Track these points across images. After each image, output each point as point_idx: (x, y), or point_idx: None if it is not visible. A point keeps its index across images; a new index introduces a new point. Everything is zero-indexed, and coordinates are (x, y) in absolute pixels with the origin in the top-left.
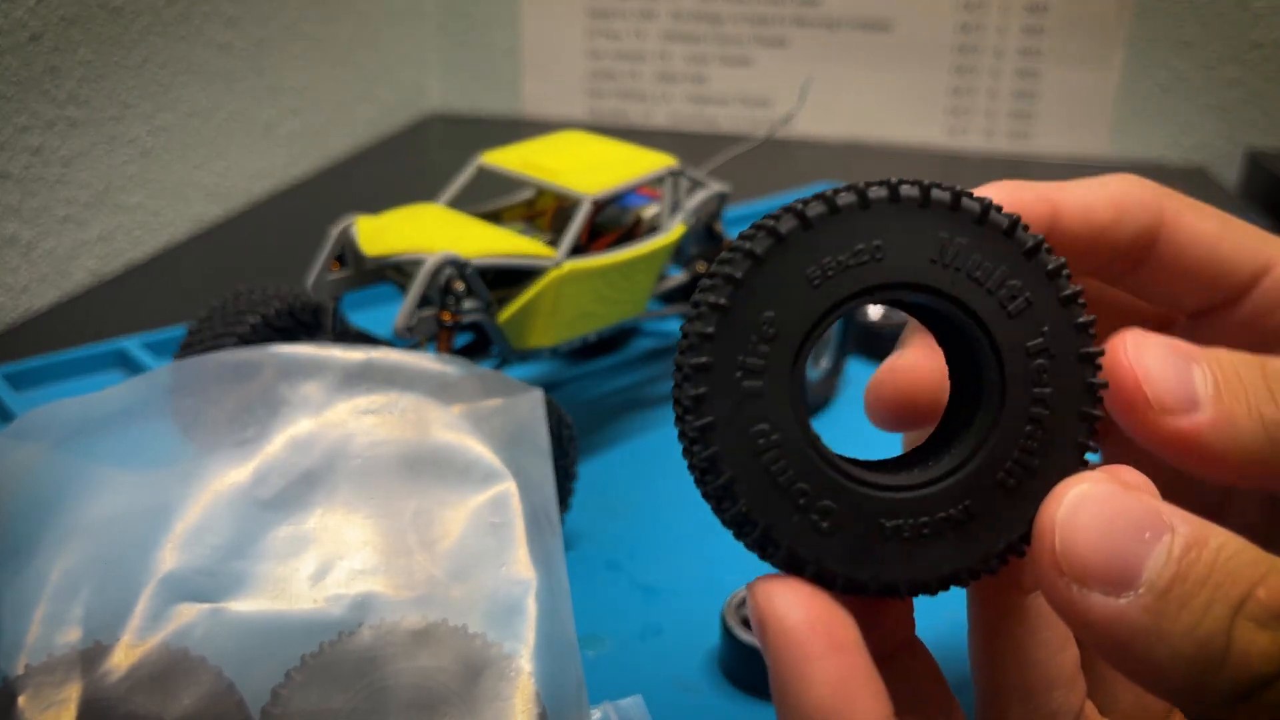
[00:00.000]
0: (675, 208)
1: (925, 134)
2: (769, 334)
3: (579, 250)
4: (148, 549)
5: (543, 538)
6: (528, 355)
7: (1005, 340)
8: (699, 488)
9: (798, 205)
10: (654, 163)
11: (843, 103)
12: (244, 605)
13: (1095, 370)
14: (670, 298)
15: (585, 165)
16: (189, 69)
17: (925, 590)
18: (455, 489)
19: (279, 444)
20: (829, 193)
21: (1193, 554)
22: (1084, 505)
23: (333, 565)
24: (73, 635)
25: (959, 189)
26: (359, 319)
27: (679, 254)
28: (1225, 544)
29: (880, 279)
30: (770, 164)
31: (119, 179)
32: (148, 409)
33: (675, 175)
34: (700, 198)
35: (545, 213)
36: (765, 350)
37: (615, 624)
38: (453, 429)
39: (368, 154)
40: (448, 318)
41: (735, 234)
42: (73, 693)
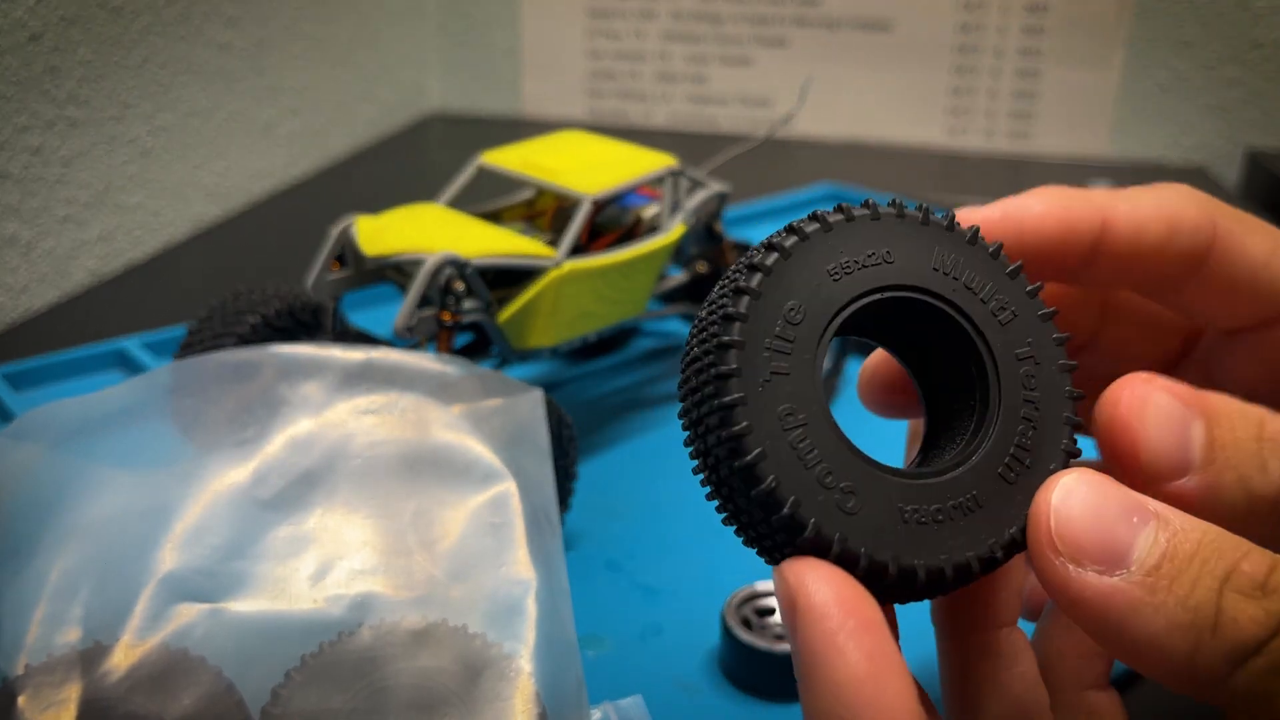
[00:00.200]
0: (675, 208)
1: (925, 134)
2: (796, 319)
3: (579, 250)
4: (147, 549)
5: (543, 538)
6: (528, 355)
7: (998, 345)
8: (718, 471)
9: (818, 213)
10: (654, 163)
11: (843, 103)
12: (244, 605)
13: (1071, 380)
14: (670, 298)
15: (585, 165)
16: (189, 69)
17: (940, 581)
18: (455, 489)
19: (279, 444)
20: (844, 205)
21: (1179, 536)
22: (1077, 490)
23: (332, 565)
24: (72, 635)
25: (952, 212)
26: (359, 319)
27: (679, 254)
28: (1207, 529)
29: (891, 280)
30: (770, 164)
31: (119, 179)
32: (147, 409)
33: (675, 175)
34: (700, 198)
35: (545, 213)
36: (792, 333)
37: (615, 624)
38: (453, 429)
39: (368, 154)
40: (448, 318)
41: (735, 234)
42: (72, 693)
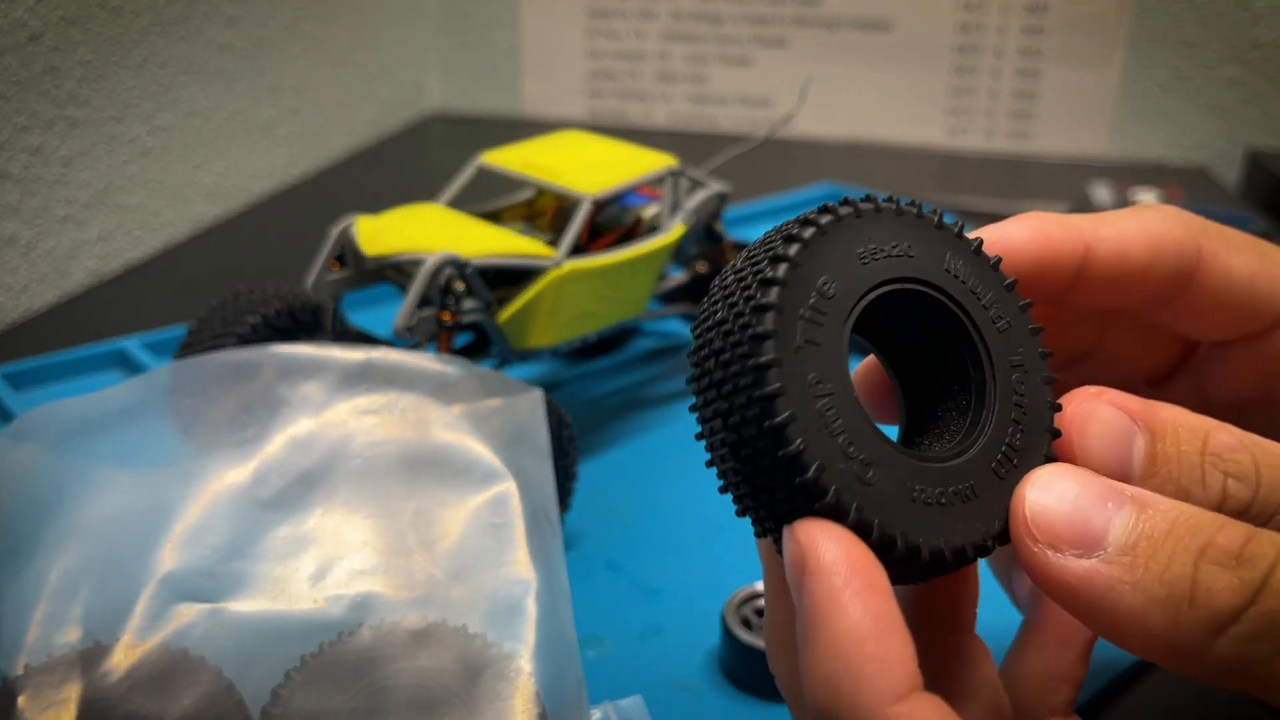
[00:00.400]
0: (675, 208)
1: (925, 134)
2: (829, 293)
3: (579, 250)
4: (147, 549)
5: (543, 538)
6: (528, 355)
7: (995, 349)
8: (740, 430)
9: (849, 199)
10: (654, 163)
11: (843, 103)
12: (244, 605)
13: (1052, 392)
14: (670, 298)
15: (585, 165)
16: (189, 69)
17: (939, 561)
18: (455, 489)
19: (279, 444)
20: (871, 195)
21: (1155, 516)
22: (1052, 480)
23: (332, 565)
24: (72, 635)
25: (962, 224)
26: (359, 319)
27: (679, 254)
28: (1185, 509)
29: (911, 272)
30: (770, 164)
31: (119, 179)
32: (147, 409)
33: (675, 175)
34: (700, 198)
35: (545, 213)
36: (825, 306)
37: (615, 624)
38: (453, 429)
39: (368, 154)
40: (448, 318)
41: (735, 234)
42: (72, 693)
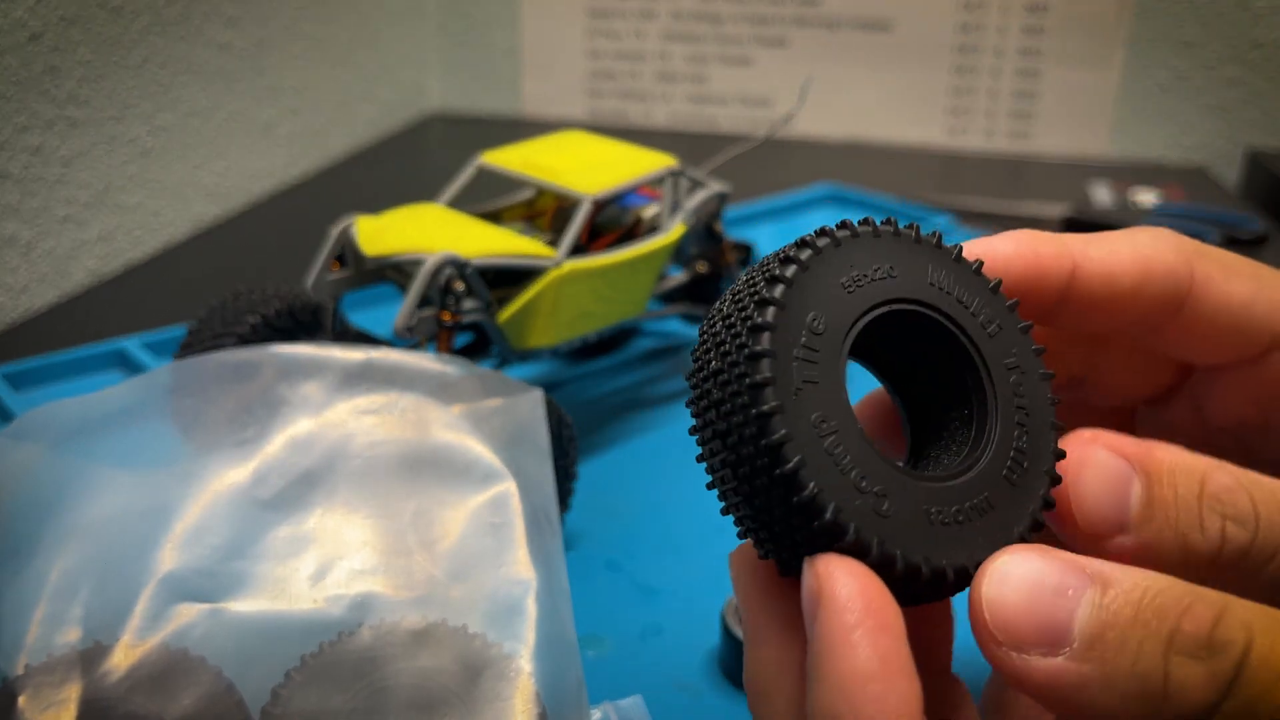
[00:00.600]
0: (675, 208)
1: (925, 134)
2: (819, 329)
3: (579, 250)
4: (147, 549)
5: (543, 538)
6: (528, 355)
7: (990, 355)
8: (751, 481)
9: (825, 229)
10: (654, 163)
11: (843, 103)
12: (244, 605)
13: (1050, 388)
14: (670, 298)
15: (585, 165)
16: (189, 69)
17: (964, 579)
18: (455, 489)
19: (279, 444)
20: (845, 221)
21: (1119, 599)
22: (1008, 575)
23: (332, 565)
24: (73, 635)
25: (939, 234)
26: (359, 319)
27: (679, 254)
28: (1150, 584)
29: (897, 293)
30: (770, 164)
31: (119, 179)
32: (147, 409)
33: (675, 175)
34: (700, 198)
35: (545, 213)
36: (817, 343)
37: (615, 624)
38: (453, 429)
39: (368, 154)
40: (448, 318)
41: (735, 234)
42: (73, 693)
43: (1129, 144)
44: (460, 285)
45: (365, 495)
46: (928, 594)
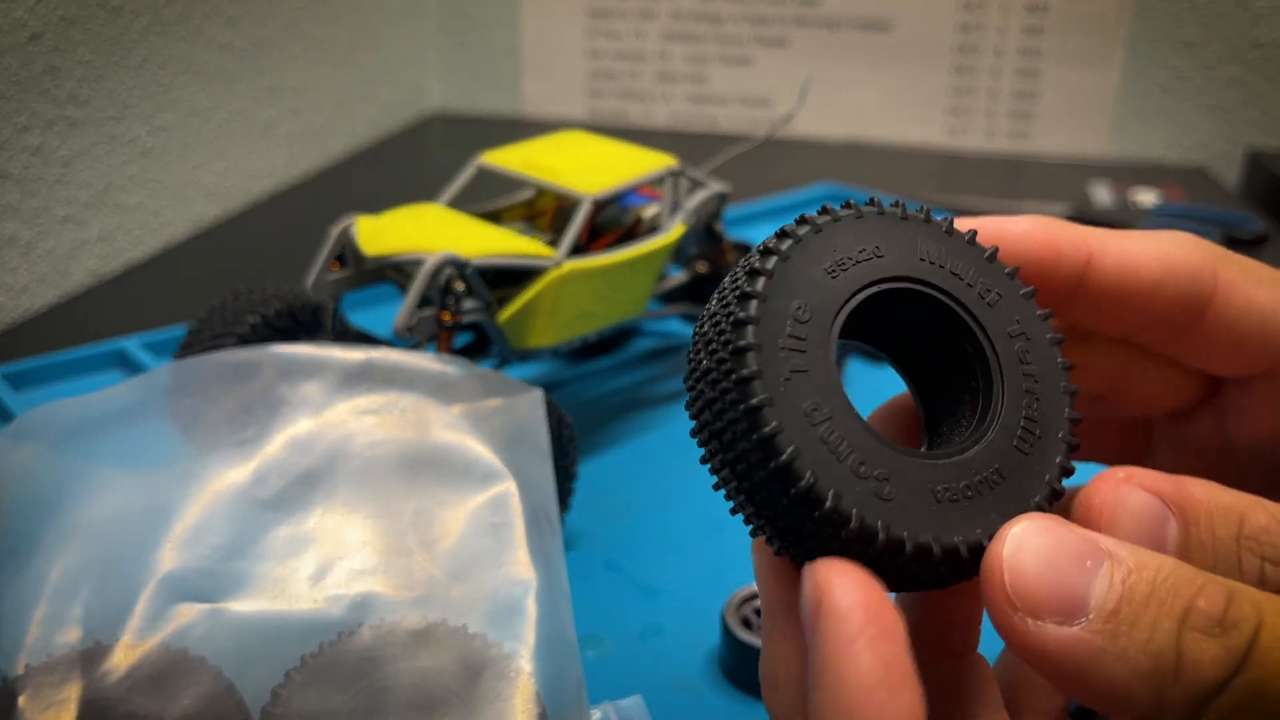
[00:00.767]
0: (675, 208)
1: (925, 134)
2: (804, 318)
3: (579, 250)
4: (147, 549)
5: (543, 538)
6: (528, 355)
7: (990, 325)
8: (750, 477)
9: (806, 216)
10: (654, 163)
11: (843, 103)
12: (244, 605)
13: (1061, 351)
14: (670, 298)
15: (585, 165)
16: (189, 69)
17: (979, 555)
18: (455, 489)
19: (279, 444)
20: (828, 206)
21: (1134, 576)
22: (1027, 541)
23: (332, 565)
24: (73, 635)
25: (928, 209)
26: (359, 319)
27: (679, 254)
28: (1162, 564)
29: (884, 272)
30: (770, 164)
31: (119, 179)
32: (147, 409)
33: (675, 175)
34: (700, 198)
35: (545, 213)
36: (803, 331)
37: (615, 624)
38: (453, 429)
39: (368, 154)
40: (448, 318)
41: (735, 234)
42: (73, 693)
43: (1129, 144)
44: (460, 285)
45: (365, 495)
46: (944, 575)
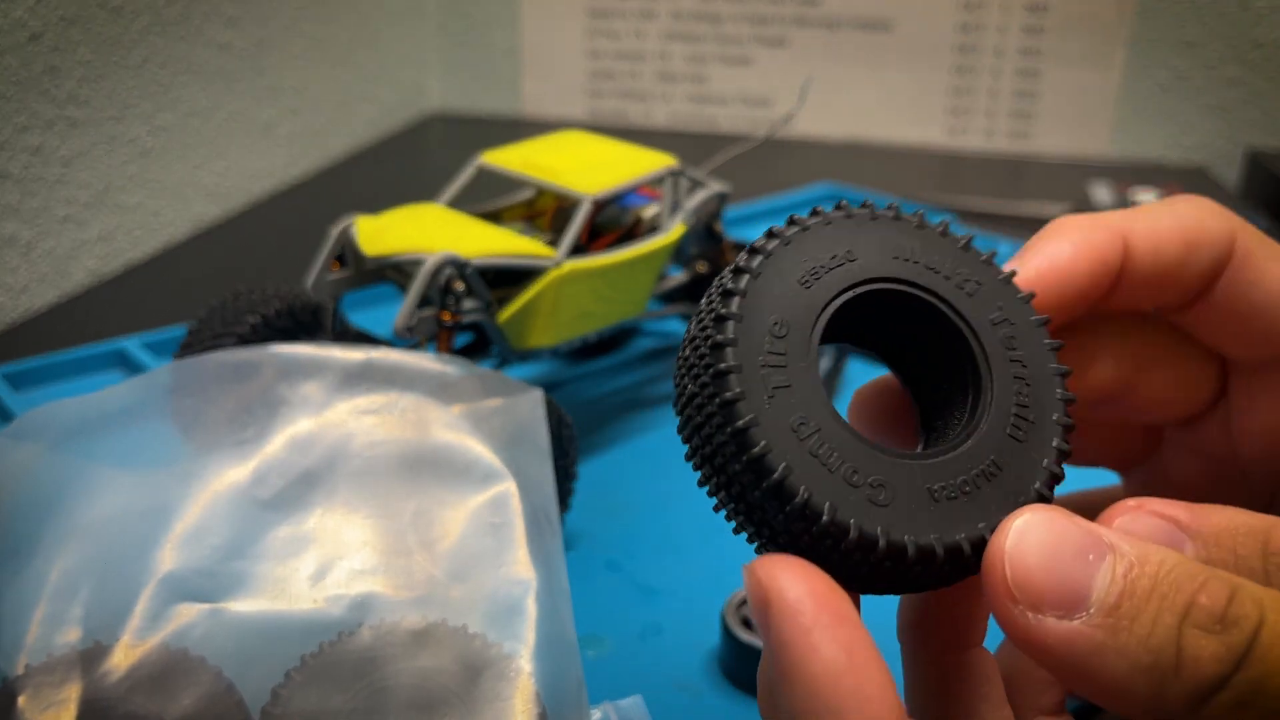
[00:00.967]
0: (675, 208)
1: (925, 134)
2: (781, 333)
3: (579, 250)
4: (147, 549)
5: (543, 538)
6: (528, 355)
7: (973, 315)
8: (745, 498)
9: (774, 230)
10: (654, 163)
11: (843, 103)
12: (244, 605)
13: (1048, 333)
14: (670, 298)
15: (585, 165)
16: (189, 69)
17: (982, 551)
18: (455, 489)
19: (279, 444)
20: (795, 217)
21: (1136, 570)
22: (1028, 533)
23: (332, 565)
24: (73, 635)
25: (897, 204)
26: (359, 319)
27: (679, 254)
28: (1165, 558)
29: (857, 276)
30: (770, 164)
31: (119, 179)
32: (147, 409)
33: (675, 175)
34: (700, 198)
35: (545, 213)
36: (782, 347)
37: (615, 624)
38: (453, 429)
39: (368, 154)
40: (448, 318)
41: (735, 234)
42: (73, 693)
43: (1129, 144)
44: (460, 285)
45: (365, 495)
46: (950, 574)
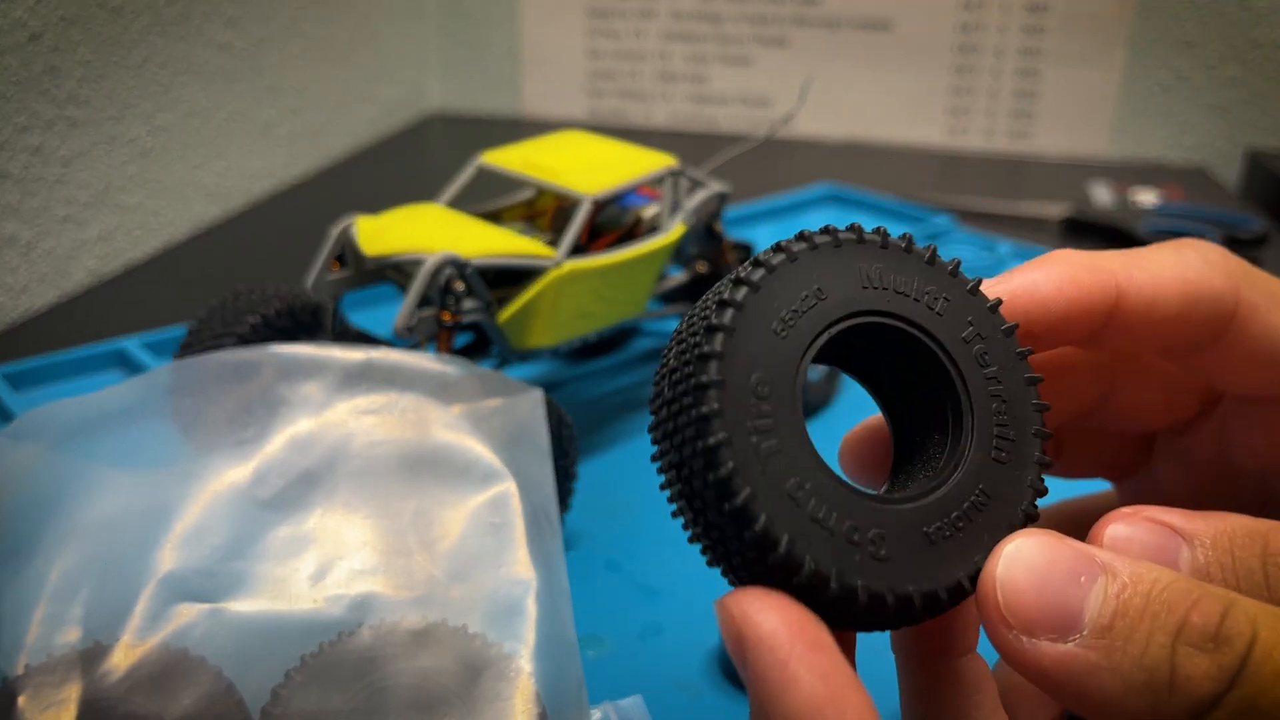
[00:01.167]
0: (675, 208)
1: (925, 134)
2: (764, 393)
3: (579, 250)
4: (147, 549)
5: (543, 538)
6: (528, 355)
7: (944, 335)
8: (751, 569)
9: (740, 274)
10: (654, 163)
11: (843, 103)
12: (244, 605)
13: (1017, 341)
14: (670, 298)
15: (585, 165)
16: (189, 69)
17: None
18: (455, 489)
19: (279, 444)
20: (760, 257)
21: (1128, 590)
22: (1019, 558)
23: (332, 565)
24: (73, 635)
25: (859, 226)
26: (359, 319)
27: (679, 254)
28: (1159, 577)
29: (830, 316)
30: (770, 164)
31: (119, 179)
32: (147, 409)
33: (675, 175)
34: (700, 198)
35: (545, 213)
36: (767, 408)
37: (615, 624)
38: (453, 429)
39: (368, 154)
40: (448, 318)
41: (735, 234)
42: (73, 693)
43: (1129, 144)
44: (460, 285)
45: (365, 495)
46: (951, 607)
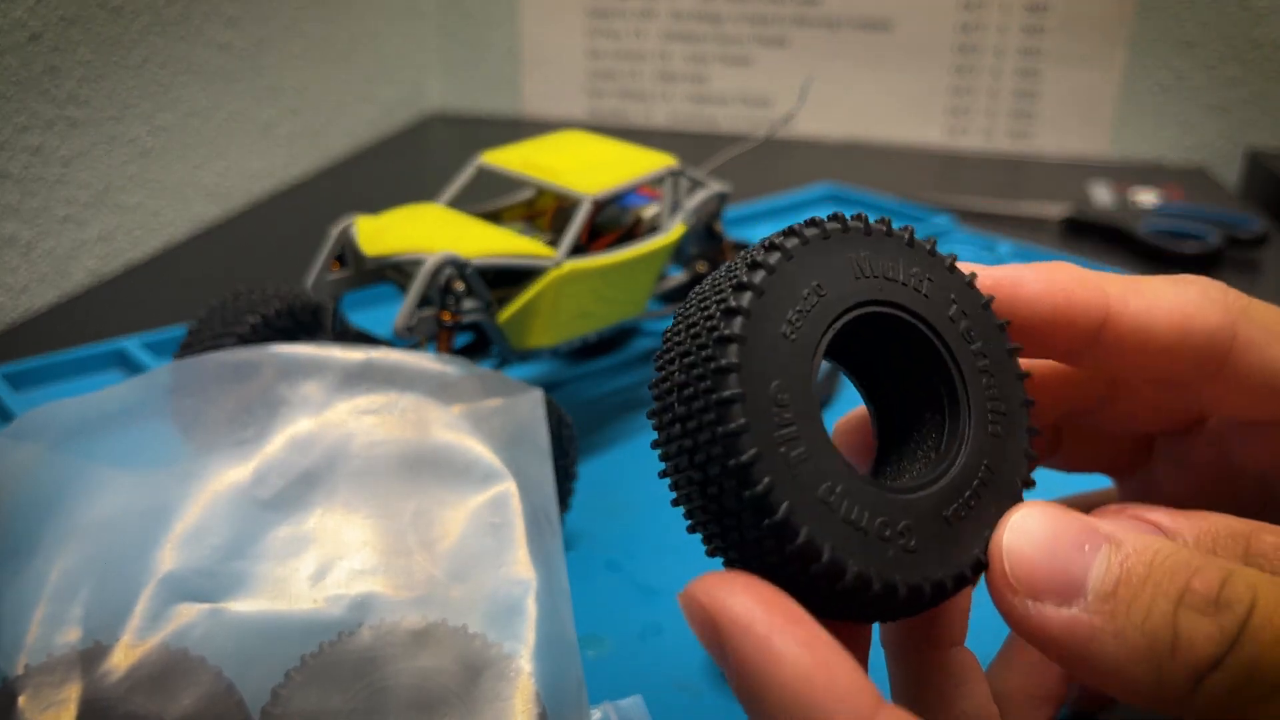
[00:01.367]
0: (675, 208)
1: (925, 134)
2: (784, 400)
3: (579, 250)
4: (147, 549)
5: (543, 538)
6: (528, 355)
7: (933, 316)
8: (796, 581)
9: (742, 279)
10: (654, 163)
11: (843, 103)
12: (244, 605)
13: (993, 310)
14: (670, 298)
15: (585, 165)
16: (189, 69)
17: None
18: (455, 489)
19: (279, 444)
20: (756, 258)
21: (1132, 559)
22: (1027, 526)
23: (332, 565)
24: (73, 635)
25: (841, 215)
26: (359, 319)
27: (679, 254)
28: (1160, 548)
29: (831, 312)
30: (770, 164)
31: (119, 179)
32: (147, 409)
33: (675, 175)
34: (700, 198)
35: (545, 213)
36: (789, 416)
37: (615, 624)
38: (453, 429)
39: (368, 154)
40: (448, 318)
41: (735, 234)
42: (72, 693)
43: (1129, 144)
44: (460, 285)
45: (365, 495)
46: (975, 581)
